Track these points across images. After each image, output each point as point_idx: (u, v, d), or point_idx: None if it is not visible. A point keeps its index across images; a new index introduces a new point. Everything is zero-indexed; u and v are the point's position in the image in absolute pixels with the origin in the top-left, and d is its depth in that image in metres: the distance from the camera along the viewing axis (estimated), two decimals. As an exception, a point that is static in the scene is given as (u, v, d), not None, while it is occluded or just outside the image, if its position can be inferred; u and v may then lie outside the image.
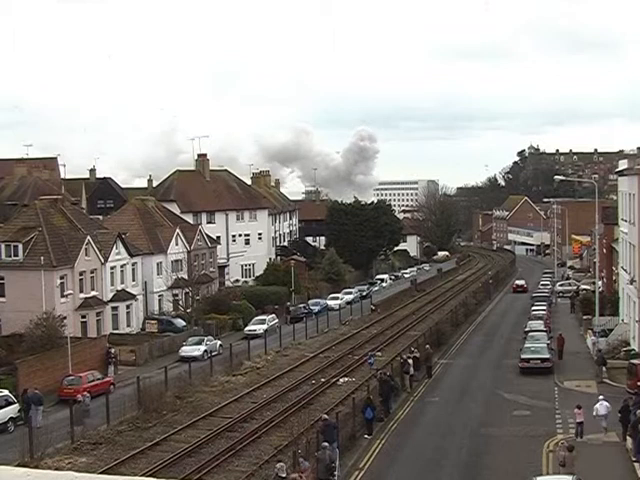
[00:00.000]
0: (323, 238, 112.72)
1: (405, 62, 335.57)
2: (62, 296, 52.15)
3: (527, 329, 54.92)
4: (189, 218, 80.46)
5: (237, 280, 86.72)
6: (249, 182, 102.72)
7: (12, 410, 37.25)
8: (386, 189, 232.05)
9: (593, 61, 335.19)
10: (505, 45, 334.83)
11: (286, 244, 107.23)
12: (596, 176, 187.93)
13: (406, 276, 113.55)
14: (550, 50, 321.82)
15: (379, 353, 50.89)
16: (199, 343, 54.60)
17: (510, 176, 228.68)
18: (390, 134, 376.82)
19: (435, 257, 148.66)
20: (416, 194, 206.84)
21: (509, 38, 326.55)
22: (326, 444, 26.93)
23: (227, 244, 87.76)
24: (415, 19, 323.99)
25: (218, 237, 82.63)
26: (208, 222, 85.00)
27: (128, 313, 60.98)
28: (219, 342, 56.43)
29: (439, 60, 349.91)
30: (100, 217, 73.10)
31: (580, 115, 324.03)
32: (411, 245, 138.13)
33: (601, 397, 34.46)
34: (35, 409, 37.03)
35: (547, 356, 45.20)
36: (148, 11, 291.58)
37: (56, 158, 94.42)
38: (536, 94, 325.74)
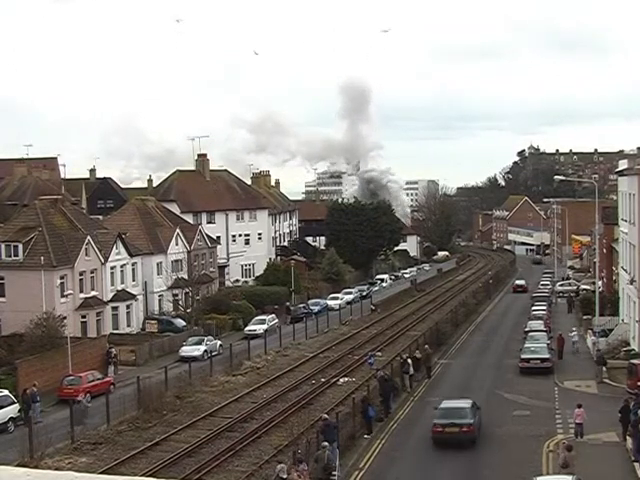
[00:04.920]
0: (323, 238, 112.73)
1: (404, 62, 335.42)
2: (62, 296, 52.15)
3: (527, 329, 54.92)
4: (189, 218, 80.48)
5: (237, 280, 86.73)
6: (249, 182, 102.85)
7: (12, 410, 37.26)
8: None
9: (590, 61, 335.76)
10: (503, 45, 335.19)
11: (286, 244, 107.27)
12: (596, 176, 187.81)
13: (406, 276, 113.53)
14: (548, 50, 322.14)
15: (379, 353, 50.90)
16: (199, 343, 54.60)
17: (510, 176, 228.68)
18: (390, 134, 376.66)
19: (435, 257, 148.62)
20: (416, 194, 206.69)
21: (507, 38, 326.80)
22: (326, 444, 26.93)
23: (227, 244, 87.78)
24: (414, 19, 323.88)
25: (218, 237, 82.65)
26: (208, 222, 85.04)
27: (128, 313, 60.99)
28: (219, 342, 56.44)
29: (438, 60, 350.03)
30: (100, 217, 73.11)
31: (579, 115, 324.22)
32: (411, 245, 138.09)
33: (574, 329, 51.65)
34: (32, 406, 37.25)
35: (547, 356, 45.18)
36: (144, 10, 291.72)
37: (56, 158, 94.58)
38: (535, 94, 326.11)
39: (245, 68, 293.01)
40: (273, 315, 67.59)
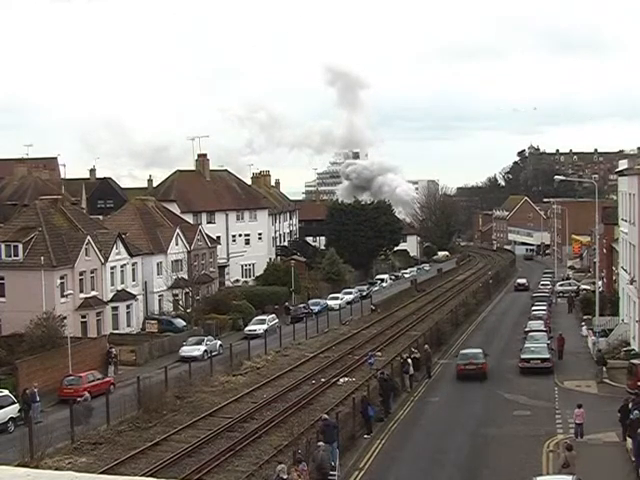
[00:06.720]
0: (323, 238, 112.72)
1: (403, 62, 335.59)
2: (62, 296, 52.18)
3: (527, 329, 54.90)
4: (189, 218, 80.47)
5: (237, 280, 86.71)
6: (249, 182, 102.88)
7: (12, 410, 37.27)
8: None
9: (590, 60, 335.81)
10: (503, 45, 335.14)
11: (286, 244, 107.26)
12: (596, 176, 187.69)
13: (406, 276, 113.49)
14: (548, 50, 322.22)
15: (379, 353, 50.89)
16: (199, 343, 54.61)
17: (510, 176, 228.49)
18: (389, 134, 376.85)
19: (435, 257, 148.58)
20: (416, 194, 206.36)
21: (507, 38, 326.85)
22: (321, 443, 26.91)
23: (227, 244, 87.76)
24: (413, 19, 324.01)
25: (218, 237, 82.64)
26: (208, 222, 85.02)
27: (128, 313, 60.98)
28: (219, 342, 56.44)
29: (438, 60, 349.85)
30: (100, 217, 73.09)
31: (579, 115, 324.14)
32: (411, 245, 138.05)
33: (583, 323, 55.64)
34: (32, 406, 37.32)
35: (547, 356, 45.15)
36: (141, 10, 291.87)
37: (56, 158, 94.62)
38: (535, 94, 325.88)
39: (241, 67, 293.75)
40: (273, 315, 67.60)
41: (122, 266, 61.22)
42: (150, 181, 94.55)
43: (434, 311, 71.31)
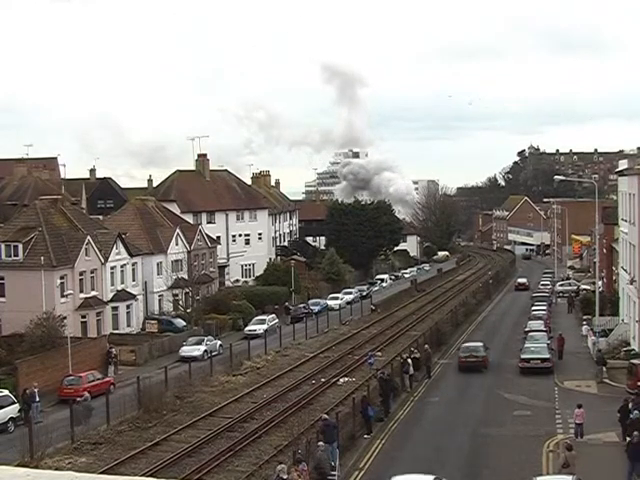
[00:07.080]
0: (323, 238, 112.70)
1: (403, 62, 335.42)
2: (62, 296, 52.16)
3: (527, 329, 54.91)
4: (189, 218, 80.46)
5: (237, 280, 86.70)
6: (249, 182, 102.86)
7: (12, 410, 37.26)
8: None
9: (590, 60, 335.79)
10: (503, 45, 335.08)
11: (286, 244, 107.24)
12: (596, 176, 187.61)
13: (406, 276, 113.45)
14: (548, 50, 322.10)
15: (379, 353, 50.90)
16: (199, 343, 54.60)
17: (510, 176, 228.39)
18: (389, 134, 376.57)
19: (435, 257, 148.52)
20: (416, 194, 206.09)
21: (507, 38, 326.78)
22: (321, 444, 26.90)
23: (227, 244, 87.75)
24: (413, 19, 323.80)
25: (218, 237, 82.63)
26: (208, 222, 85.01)
27: (128, 313, 60.97)
28: (219, 342, 56.44)
29: (438, 60, 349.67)
30: (100, 217, 73.05)
31: (579, 115, 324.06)
32: (411, 245, 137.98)
33: (585, 323, 56.37)
34: (32, 406, 37.34)
35: (547, 356, 45.17)
36: (140, 10, 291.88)
37: (56, 158, 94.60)
38: (535, 94, 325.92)
39: (241, 67, 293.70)
40: (273, 315, 67.58)
41: (122, 266, 61.21)
42: (150, 181, 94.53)
43: (434, 311, 71.32)
